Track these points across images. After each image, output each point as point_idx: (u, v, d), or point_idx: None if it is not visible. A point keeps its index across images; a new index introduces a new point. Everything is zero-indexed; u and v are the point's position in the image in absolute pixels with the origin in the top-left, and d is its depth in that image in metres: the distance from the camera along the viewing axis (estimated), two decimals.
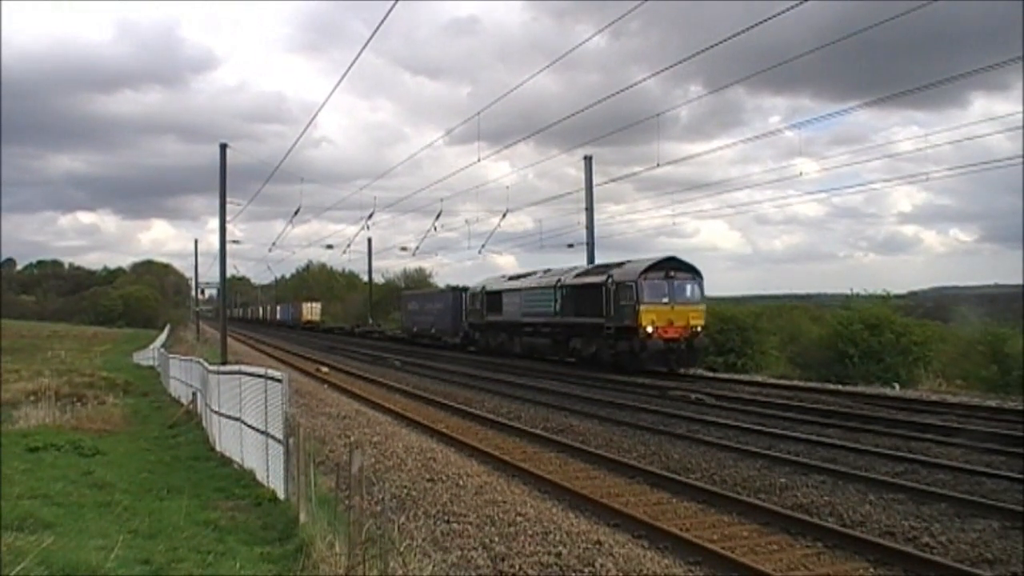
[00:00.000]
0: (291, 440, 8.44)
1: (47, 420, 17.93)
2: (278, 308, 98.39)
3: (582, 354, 28.51)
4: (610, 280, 26.23)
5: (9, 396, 23.10)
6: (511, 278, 36.68)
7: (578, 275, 29.54)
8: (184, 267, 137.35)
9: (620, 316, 25.44)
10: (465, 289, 42.06)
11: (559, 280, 30.39)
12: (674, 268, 25.62)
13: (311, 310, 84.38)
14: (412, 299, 53.18)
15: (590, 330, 27.52)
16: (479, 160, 64.98)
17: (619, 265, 27.30)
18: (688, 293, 25.57)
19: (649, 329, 24.42)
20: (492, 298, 36.63)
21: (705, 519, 8.98)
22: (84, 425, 17.38)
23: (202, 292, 55.20)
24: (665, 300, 24.93)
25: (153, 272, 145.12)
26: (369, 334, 61.33)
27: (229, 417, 12.70)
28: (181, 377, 23.63)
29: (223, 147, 30.10)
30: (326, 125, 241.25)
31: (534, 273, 34.86)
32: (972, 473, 10.65)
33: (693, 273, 26.02)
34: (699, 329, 25.28)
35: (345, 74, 78.11)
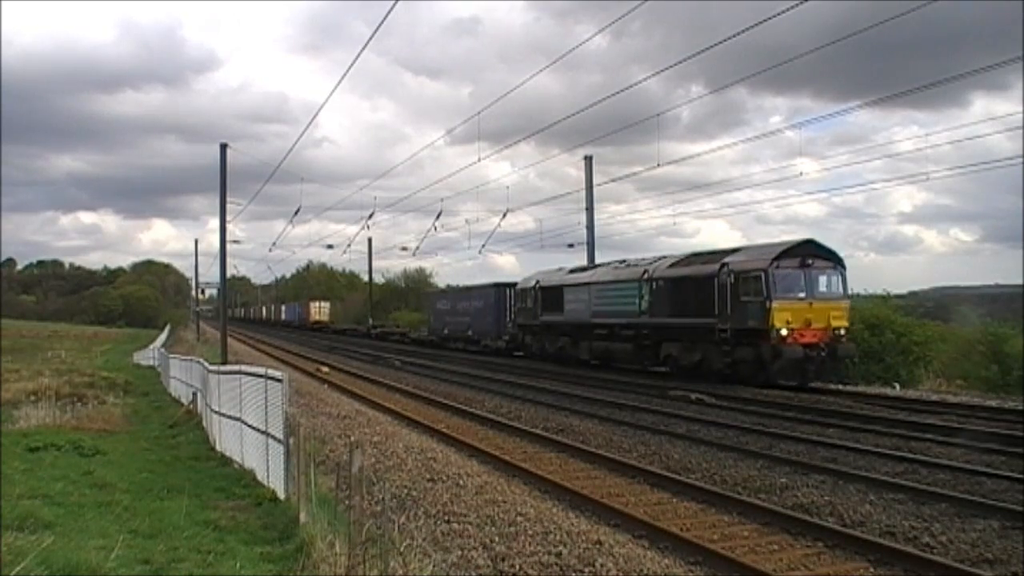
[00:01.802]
0: (291, 440, 8.44)
1: (47, 420, 17.92)
2: (283, 308, 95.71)
3: (681, 363, 23.43)
4: (725, 270, 21.33)
5: (9, 396, 23.08)
6: (573, 271, 31.61)
7: (674, 265, 24.23)
8: (184, 267, 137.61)
9: (741, 316, 20.66)
10: (511, 285, 36.97)
11: (646, 272, 25.01)
12: (812, 254, 20.81)
13: (319, 310, 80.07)
14: (442, 297, 47.45)
15: (693, 333, 22.64)
16: (479, 160, 65.06)
17: (733, 251, 22.55)
18: (829, 286, 20.88)
19: (783, 332, 19.70)
20: (549, 294, 31.16)
21: (705, 519, 8.98)
22: (84, 425, 17.38)
23: (202, 292, 55.32)
24: (802, 295, 20.27)
25: (153, 272, 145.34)
26: (387, 336, 56.49)
27: (229, 417, 12.70)
28: (181, 377, 23.64)
29: (223, 147, 30.11)
30: (327, 125, 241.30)
31: (601, 265, 30.15)
32: (972, 473, 10.65)
33: (834, 261, 21.21)
34: (842, 332, 20.57)
35: (345, 74, 78.15)
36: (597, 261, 33.15)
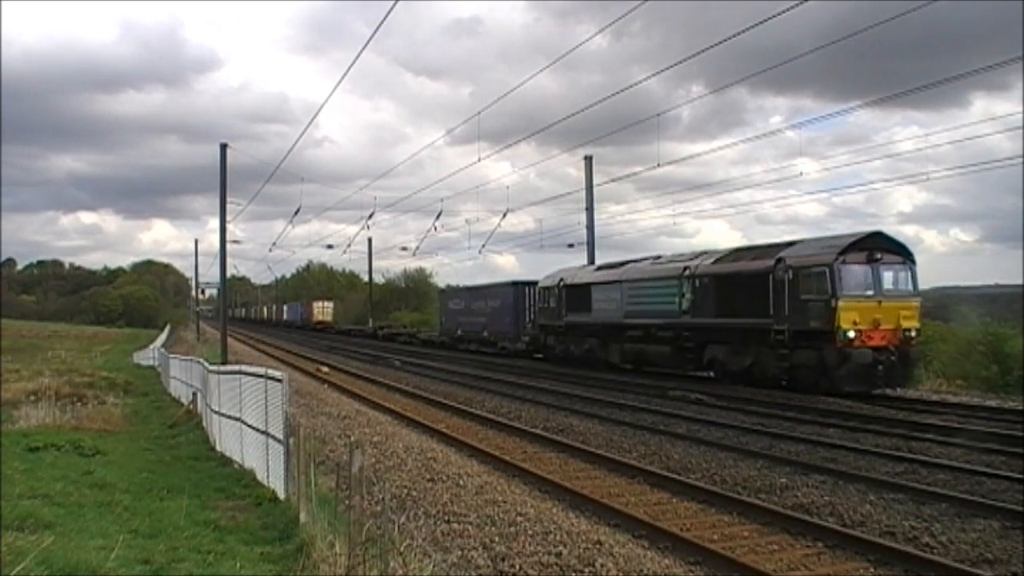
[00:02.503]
0: (291, 440, 8.44)
1: (47, 420, 17.92)
2: (285, 308, 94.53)
3: (728, 368, 21.61)
4: (782, 265, 19.44)
5: (9, 396, 23.07)
6: (601, 268, 29.60)
7: (719, 260, 22.36)
8: (185, 267, 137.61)
9: (802, 316, 18.79)
10: (531, 283, 35.02)
11: (687, 268, 23.08)
12: (880, 248, 18.87)
13: (323, 310, 78.52)
14: (455, 296, 44.95)
15: (744, 335, 20.80)
16: (479, 160, 65.05)
17: (788, 245, 20.52)
18: (898, 282, 19.02)
19: (850, 334, 17.86)
20: (575, 293, 29.20)
21: (705, 519, 8.98)
22: (84, 425, 17.39)
23: (202, 292, 55.28)
24: (869, 292, 18.42)
25: (153, 272, 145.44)
26: (395, 337, 54.47)
27: (229, 417, 12.71)
28: (181, 377, 23.64)
29: (223, 147, 30.14)
30: (328, 125, 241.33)
31: (633, 261, 27.74)
32: (972, 473, 10.65)
33: (904, 255, 19.33)
34: (913, 333, 18.77)
35: (345, 74, 78.21)
36: (597, 261, 33.06)
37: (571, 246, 37.39)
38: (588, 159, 35.10)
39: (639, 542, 7.94)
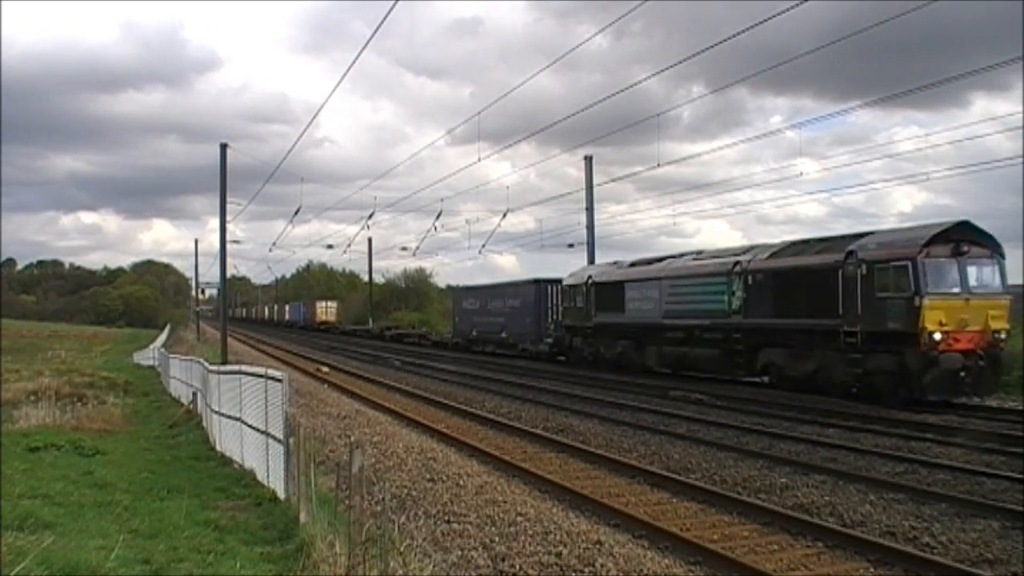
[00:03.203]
0: (291, 440, 8.44)
1: (47, 420, 17.92)
2: (287, 307, 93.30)
3: (787, 373, 19.53)
4: (854, 259, 17.44)
5: (9, 396, 23.07)
6: (635, 264, 27.39)
7: (776, 254, 20.38)
8: (185, 267, 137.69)
9: (878, 315, 16.83)
10: (554, 281, 33.13)
11: (738, 263, 21.10)
12: (967, 239, 16.91)
13: (327, 310, 77.04)
14: (470, 296, 42.13)
15: (807, 337, 18.72)
16: (479, 160, 65.05)
17: (860, 236, 18.37)
18: (986, 278, 17.03)
19: (937, 336, 15.97)
20: (606, 291, 27.27)
21: (705, 519, 8.98)
22: (84, 425, 17.37)
23: (202, 292, 55.31)
24: (956, 290, 16.49)
25: (153, 272, 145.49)
26: (403, 338, 52.16)
27: (229, 417, 12.71)
28: (181, 377, 23.64)
29: (223, 147, 30.18)
30: (328, 125, 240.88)
31: (671, 257, 25.60)
32: (972, 473, 10.65)
33: (992, 248, 17.27)
34: (1002, 335, 16.82)
35: (345, 74, 78.25)
36: (597, 261, 33.04)
37: (571, 246, 37.42)
38: (588, 159, 35.13)
39: (639, 542, 7.94)
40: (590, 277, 28.60)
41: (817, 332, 18.31)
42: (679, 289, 23.42)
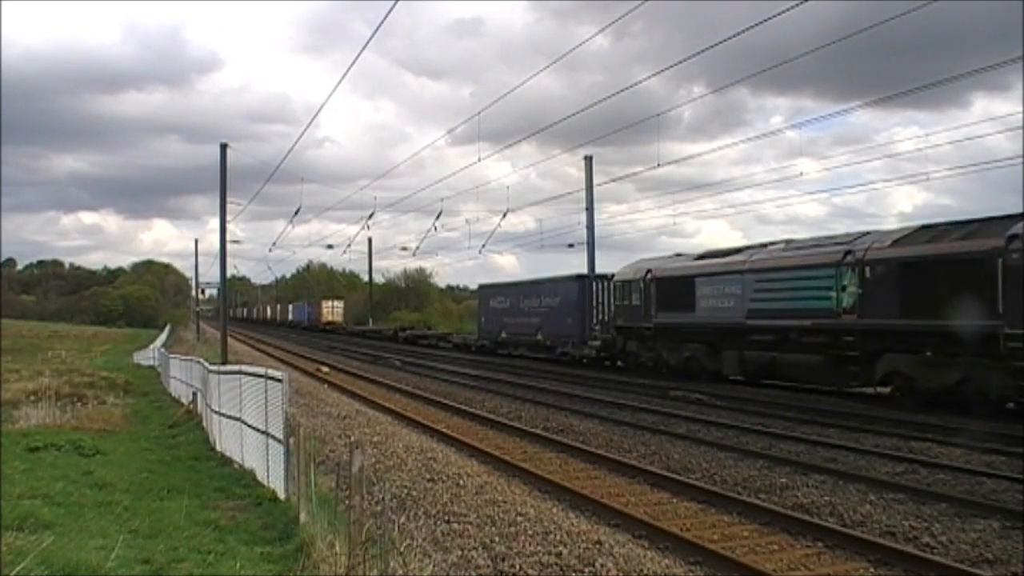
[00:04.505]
0: (291, 440, 8.44)
1: (47, 420, 17.94)
2: (291, 307, 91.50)
3: (919, 384, 16.30)
4: (1018, 245, 14.18)
5: (9, 396, 23.09)
6: (704, 255, 23.98)
7: (902, 241, 17.09)
8: (185, 267, 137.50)
9: None
10: (600, 277, 30.25)
11: (850, 252, 17.77)
12: None
13: (332, 310, 74.50)
14: (499, 293, 38.20)
15: (949, 342, 15.44)
16: (480, 160, 64.99)
17: (1018, 217, 14.88)
18: None
19: None
20: (671, 287, 23.85)
21: (705, 519, 8.98)
22: (84, 425, 17.39)
23: (202, 292, 55.28)
24: None
25: (153, 272, 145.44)
26: (418, 340, 48.58)
27: (229, 417, 12.70)
28: (181, 377, 23.63)
29: (223, 147, 30.15)
30: (329, 125, 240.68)
31: (752, 247, 22.20)
32: (972, 473, 10.65)
33: None
34: None
35: (345, 74, 78.27)
36: (597, 261, 32.95)
37: (571, 246, 37.43)
38: (588, 159, 35.15)
39: (639, 542, 7.94)
40: (649, 271, 25.11)
41: (964, 336, 15.01)
42: (769, 284, 20.05)
